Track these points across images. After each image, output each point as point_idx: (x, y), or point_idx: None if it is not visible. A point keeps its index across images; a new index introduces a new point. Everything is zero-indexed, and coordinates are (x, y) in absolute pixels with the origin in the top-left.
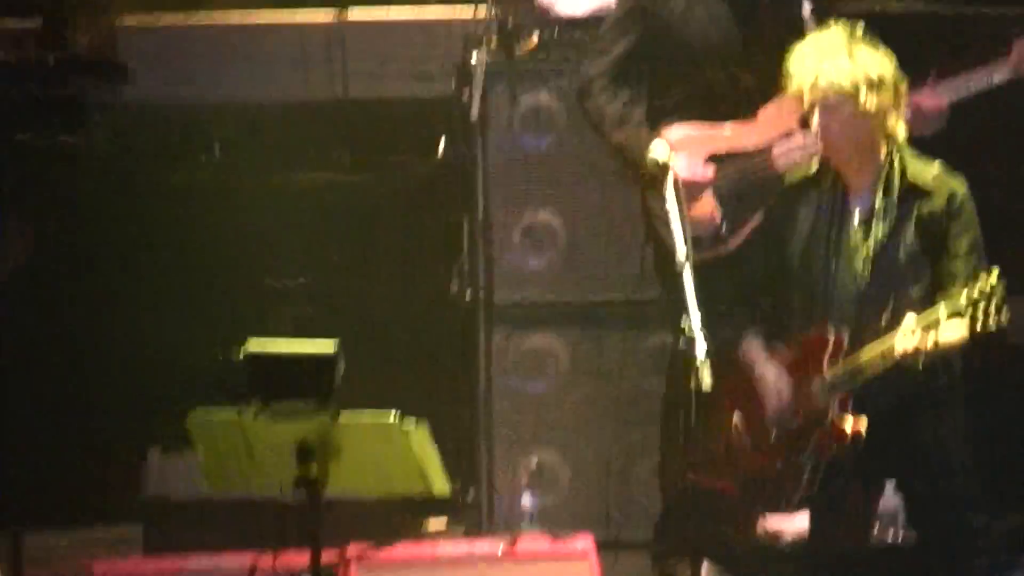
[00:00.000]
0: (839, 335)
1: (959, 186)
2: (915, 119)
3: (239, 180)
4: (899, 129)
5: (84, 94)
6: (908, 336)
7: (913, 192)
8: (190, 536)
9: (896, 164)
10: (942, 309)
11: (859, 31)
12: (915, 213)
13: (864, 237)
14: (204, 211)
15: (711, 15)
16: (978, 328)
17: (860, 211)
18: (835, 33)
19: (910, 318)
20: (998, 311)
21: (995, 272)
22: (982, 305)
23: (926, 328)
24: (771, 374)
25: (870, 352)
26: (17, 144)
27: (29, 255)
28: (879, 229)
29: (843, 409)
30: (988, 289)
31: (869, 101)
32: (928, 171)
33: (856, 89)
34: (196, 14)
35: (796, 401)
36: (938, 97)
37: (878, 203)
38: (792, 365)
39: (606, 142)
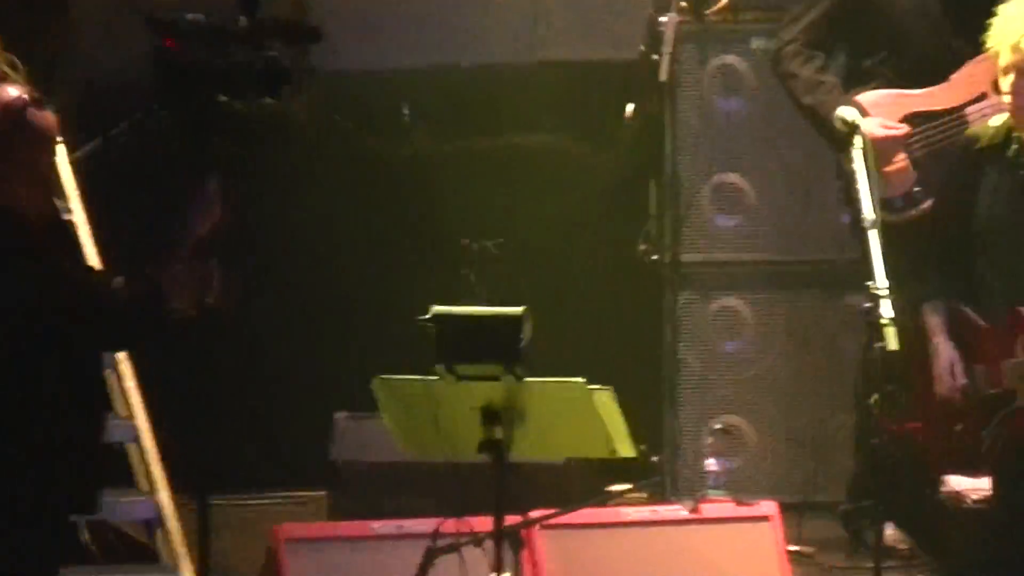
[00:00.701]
0: None
1: None
2: None
3: (433, 144)
4: None
5: (279, 58)
6: None
7: None
8: (374, 500)
9: None
10: None
11: None
12: None
13: None
14: (399, 175)
15: None
16: None
17: None
18: None
19: None
20: None
21: None
22: None
23: None
24: (945, 349)
25: None
26: (217, 107)
27: (227, 221)
28: None
29: None
30: None
31: None
32: None
33: None
34: None
35: (983, 377)
36: None
37: None
38: (984, 340)
39: (798, 106)
